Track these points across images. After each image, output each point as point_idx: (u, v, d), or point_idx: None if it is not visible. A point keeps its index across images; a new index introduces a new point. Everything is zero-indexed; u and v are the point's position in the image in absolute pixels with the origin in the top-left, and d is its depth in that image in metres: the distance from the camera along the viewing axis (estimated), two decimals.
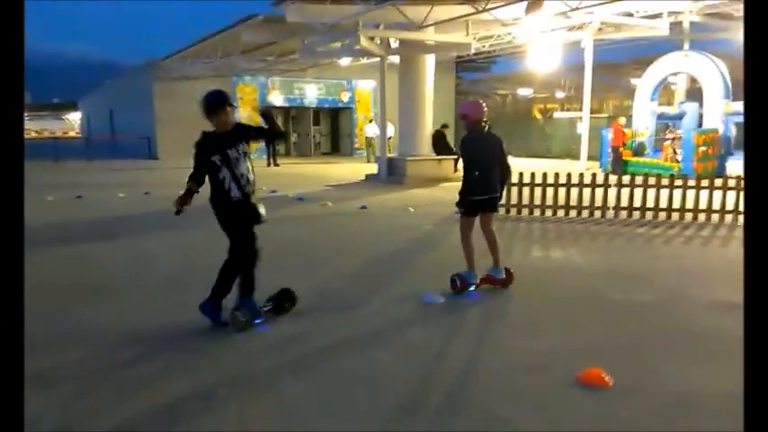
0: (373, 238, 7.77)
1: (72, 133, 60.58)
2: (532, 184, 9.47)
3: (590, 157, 17.84)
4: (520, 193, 9.51)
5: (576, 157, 19.20)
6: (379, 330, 4.23)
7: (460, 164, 16.50)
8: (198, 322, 4.21)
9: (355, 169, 18.29)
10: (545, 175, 9.45)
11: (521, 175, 9.47)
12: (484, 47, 19.73)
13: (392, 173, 14.89)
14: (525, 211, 9.49)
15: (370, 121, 23.40)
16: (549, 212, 9.41)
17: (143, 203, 11.20)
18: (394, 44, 14.63)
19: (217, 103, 4.03)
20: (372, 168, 16.97)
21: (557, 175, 9.37)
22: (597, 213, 9.22)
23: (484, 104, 5.28)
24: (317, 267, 5.97)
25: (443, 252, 6.93)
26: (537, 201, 9.49)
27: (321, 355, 3.76)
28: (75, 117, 66.20)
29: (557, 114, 32.00)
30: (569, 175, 9.34)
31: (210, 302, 4.20)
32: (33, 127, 73.90)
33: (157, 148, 23.68)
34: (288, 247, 6.59)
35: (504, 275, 5.27)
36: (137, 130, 26.07)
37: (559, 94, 35.28)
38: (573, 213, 9.30)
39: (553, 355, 3.78)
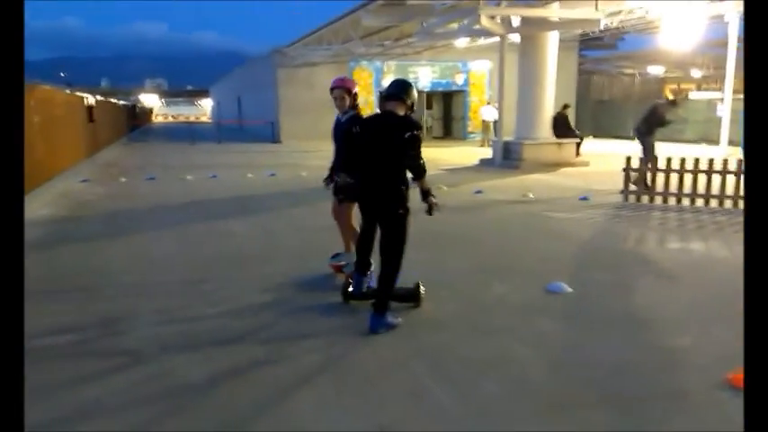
0: (492, 224, 7.61)
1: (203, 118, 65.51)
2: (668, 170, 8.74)
3: (730, 142, 16.15)
4: (653, 179, 8.83)
5: (714, 141, 17.48)
6: (506, 319, 4.13)
7: (583, 147, 15.44)
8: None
9: (469, 153, 18.03)
10: (683, 160, 8.68)
11: (641, 160, 8.81)
12: (612, 23, 18.44)
13: (507, 157, 14.47)
14: (659, 200, 8.80)
15: (488, 104, 22.88)
16: (685, 201, 8.66)
17: (270, 184, 11.82)
18: (515, 22, 14.10)
19: None
20: (487, 153, 16.61)
21: (696, 160, 8.58)
22: (728, 204, 8.33)
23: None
24: (435, 253, 5.96)
25: (568, 239, 6.64)
26: (666, 188, 8.77)
27: (447, 344, 3.75)
28: (206, 103, 71.43)
29: (692, 95, 29.32)
30: (711, 161, 8.51)
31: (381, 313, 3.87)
32: (170, 112, 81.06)
33: (280, 131, 24.91)
34: None
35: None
36: (261, 115, 27.61)
37: (695, 73, 32.26)
38: (714, 203, 8.48)
39: (699, 353, 3.48)
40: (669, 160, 8.71)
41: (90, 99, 15.49)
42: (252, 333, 3.87)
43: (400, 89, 3.98)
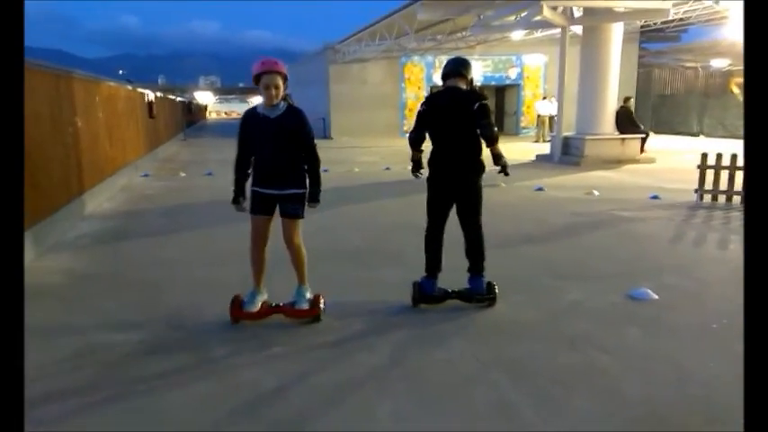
0: (559, 223, 7.27)
1: None
2: (733, 167, 8.16)
3: None
4: (716, 177, 8.28)
5: None
6: (588, 327, 3.85)
7: (647, 144, 14.59)
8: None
9: (523, 149, 17.52)
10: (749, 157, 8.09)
11: (718, 156, 8.26)
12: (677, 13, 17.54)
13: (567, 153, 13.96)
14: (722, 199, 8.26)
15: (543, 98, 22.26)
16: None
17: (325, 180, 11.69)
18: (578, 13, 13.56)
19: None
20: (542, 148, 16.11)
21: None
22: None
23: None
24: (502, 255, 5.69)
25: (643, 241, 6.25)
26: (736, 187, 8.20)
27: (529, 353, 3.52)
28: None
29: None
30: None
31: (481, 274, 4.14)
32: (223, 109, 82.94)
33: (331, 128, 25.00)
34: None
35: (306, 306, 3.87)
36: (313, 111, 27.73)
37: None
38: None
39: None
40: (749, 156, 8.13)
41: (150, 95, 15.86)
42: (319, 334, 3.74)
43: (460, 65, 4.11)
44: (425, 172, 4.19)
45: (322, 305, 3.91)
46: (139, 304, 4.31)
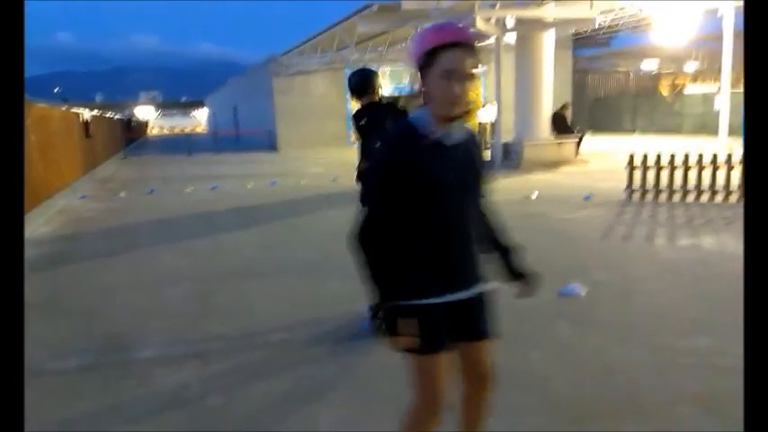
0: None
1: (198, 129, 65.33)
2: (672, 166, 8.70)
3: (732, 133, 16.09)
4: (644, 175, 8.82)
5: (711, 133, 17.42)
6: (521, 325, 4.05)
7: (582, 145, 15.20)
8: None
9: None
10: (672, 156, 8.68)
11: (644, 156, 8.80)
12: (605, 21, 18.44)
13: (507, 158, 14.43)
14: (663, 196, 8.77)
15: (483, 106, 22.83)
16: (690, 197, 8.62)
17: (271, 193, 11.73)
18: (510, 23, 14.07)
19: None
20: (486, 155, 16.55)
21: (700, 155, 8.54)
22: (734, 198, 8.32)
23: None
24: None
25: (575, 239, 6.57)
26: (670, 184, 8.76)
27: None
28: (201, 114, 71.34)
29: (688, 90, 29.42)
30: (715, 156, 8.48)
31: None
32: (165, 124, 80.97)
33: (277, 140, 24.89)
34: None
35: None
36: (258, 123, 27.54)
37: (689, 68, 32.37)
38: (719, 197, 8.45)
39: (720, 355, 3.41)
40: (672, 156, 8.66)
41: (86, 114, 15.41)
42: (266, 347, 3.79)
43: (370, 80, 3.99)
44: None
45: None
46: (76, 332, 4.24)
